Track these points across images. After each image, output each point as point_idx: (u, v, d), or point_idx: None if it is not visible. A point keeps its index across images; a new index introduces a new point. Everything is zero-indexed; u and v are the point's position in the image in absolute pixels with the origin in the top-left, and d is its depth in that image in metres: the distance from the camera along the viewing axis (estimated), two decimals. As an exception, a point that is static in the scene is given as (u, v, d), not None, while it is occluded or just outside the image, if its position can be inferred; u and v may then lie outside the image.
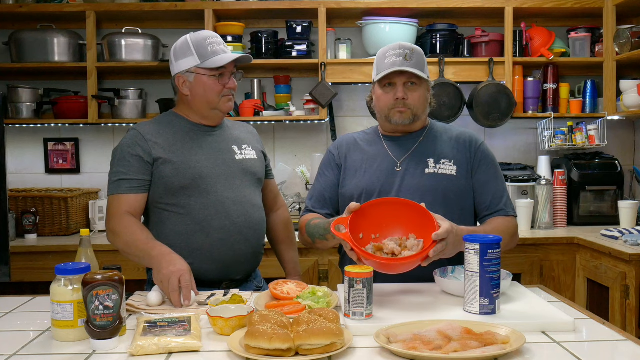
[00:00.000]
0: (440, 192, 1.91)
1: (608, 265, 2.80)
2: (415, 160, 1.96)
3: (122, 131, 3.65)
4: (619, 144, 3.71)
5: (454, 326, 1.36)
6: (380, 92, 1.95)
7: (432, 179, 1.93)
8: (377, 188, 1.94)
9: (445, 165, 1.95)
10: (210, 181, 1.95)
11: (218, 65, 1.92)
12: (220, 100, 1.97)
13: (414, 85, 1.93)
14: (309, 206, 2.06)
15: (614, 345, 1.38)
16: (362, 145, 2.05)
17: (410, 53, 1.90)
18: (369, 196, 1.93)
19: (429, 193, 1.90)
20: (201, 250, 1.93)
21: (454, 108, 3.42)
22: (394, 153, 1.99)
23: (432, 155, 1.96)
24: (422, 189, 1.91)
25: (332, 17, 3.55)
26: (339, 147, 2.08)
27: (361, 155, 2.02)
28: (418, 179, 1.93)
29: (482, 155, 1.98)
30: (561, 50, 3.52)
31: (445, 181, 1.93)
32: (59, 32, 3.41)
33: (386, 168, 1.97)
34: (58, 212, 3.28)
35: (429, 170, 1.94)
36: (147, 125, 2.00)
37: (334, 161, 2.06)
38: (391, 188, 1.93)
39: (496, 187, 1.97)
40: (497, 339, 1.31)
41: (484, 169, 1.97)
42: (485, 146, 2.02)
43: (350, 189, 1.98)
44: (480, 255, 1.51)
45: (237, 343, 1.33)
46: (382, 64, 1.93)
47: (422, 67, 1.93)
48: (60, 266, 1.43)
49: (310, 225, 1.95)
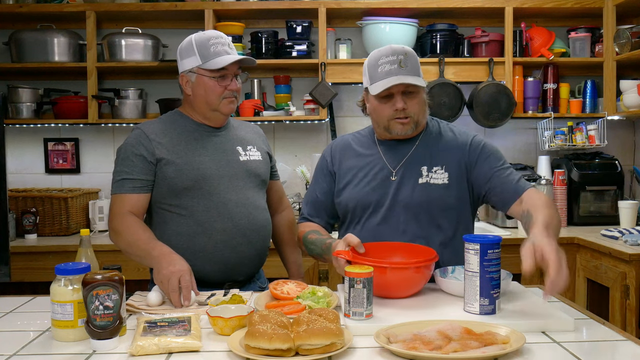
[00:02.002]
0: (434, 205, 1.87)
1: (608, 265, 2.80)
2: (410, 168, 1.90)
3: (122, 131, 3.65)
4: (619, 144, 3.71)
5: (454, 326, 1.36)
6: (377, 103, 1.86)
7: (424, 192, 1.87)
8: (372, 200, 1.90)
9: (437, 173, 1.88)
10: (214, 182, 1.94)
11: (218, 66, 1.90)
12: (221, 102, 1.95)
13: (412, 93, 1.84)
14: (304, 214, 2.06)
15: (614, 345, 1.38)
16: (357, 150, 2.00)
17: (405, 58, 1.81)
18: (363, 208, 1.91)
19: (422, 209, 1.86)
20: (203, 251, 1.93)
21: (454, 108, 3.42)
22: (389, 160, 1.93)
23: (426, 161, 1.90)
24: (415, 203, 1.86)
25: (332, 17, 3.55)
26: (333, 153, 2.03)
27: (356, 161, 1.97)
28: (411, 191, 1.87)
29: (476, 151, 1.90)
30: (561, 50, 3.52)
31: (436, 193, 1.87)
32: (59, 32, 3.41)
33: (381, 177, 1.91)
34: (58, 212, 3.28)
35: (422, 180, 1.88)
36: (152, 125, 1.99)
37: (327, 168, 2.03)
38: (385, 200, 1.89)
39: (507, 173, 1.86)
40: (497, 339, 1.31)
41: (484, 161, 1.89)
42: (477, 139, 1.93)
43: (345, 199, 1.95)
44: (480, 255, 1.51)
45: (237, 343, 1.33)
46: (375, 73, 1.83)
47: (418, 71, 1.84)
48: (60, 266, 1.43)
49: (307, 239, 1.95)
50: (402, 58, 1.81)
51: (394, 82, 1.79)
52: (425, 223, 1.87)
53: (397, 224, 1.88)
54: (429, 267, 1.69)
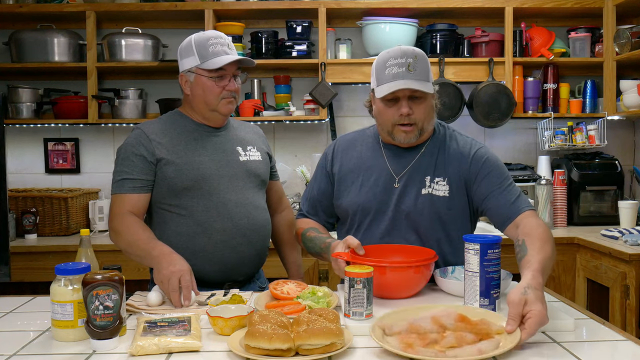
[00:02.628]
0: (435, 216, 1.84)
1: (608, 265, 2.80)
2: (413, 176, 1.86)
3: (122, 131, 3.65)
4: (619, 144, 3.71)
5: (448, 312, 1.36)
6: (382, 106, 1.81)
7: (426, 202, 1.83)
8: (373, 206, 1.88)
9: (439, 185, 1.84)
10: (213, 182, 1.94)
11: (216, 66, 1.90)
12: (220, 102, 1.95)
13: (419, 98, 1.78)
14: (303, 210, 2.06)
15: (614, 345, 1.38)
16: (360, 151, 1.95)
17: (414, 62, 1.75)
18: (364, 213, 1.89)
19: (424, 218, 1.84)
20: (203, 251, 1.93)
21: (454, 108, 3.42)
22: (393, 167, 1.88)
23: (430, 171, 1.85)
24: (417, 212, 1.84)
25: (332, 17, 3.55)
26: (335, 152, 2.00)
27: (358, 163, 1.93)
28: (414, 200, 1.84)
29: (477, 166, 1.84)
30: (561, 50, 3.52)
31: (438, 204, 1.83)
32: (59, 32, 3.41)
33: (383, 184, 1.87)
34: (58, 212, 3.28)
35: (425, 190, 1.84)
36: (152, 125, 1.99)
37: (325, 168, 2.00)
38: (387, 207, 1.86)
39: (504, 192, 1.80)
40: (492, 329, 1.31)
41: (483, 178, 1.83)
42: (480, 152, 1.86)
43: (346, 203, 1.92)
44: (480, 255, 1.51)
45: (237, 343, 1.33)
46: (382, 75, 1.77)
47: (427, 76, 1.78)
48: (60, 266, 1.43)
49: (305, 237, 1.95)
50: (410, 61, 1.75)
51: (400, 86, 1.74)
52: (426, 233, 1.86)
53: (398, 233, 1.86)
54: (428, 267, 1.69)
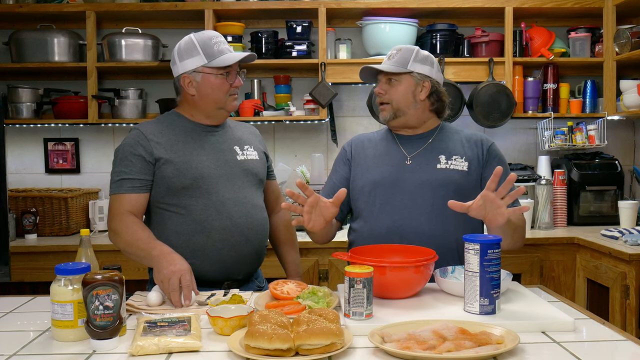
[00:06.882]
0: (452, 186, 1.94)
1: (608, 265, 2.80)
2: (427, 156, 2.00)
3: (122, 131, 3.65)
4: (619, 144, 3.71)
5: (448, 326, 1.36)
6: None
7: (443, 174, 1.96)
8: (387, 180, 1.98)
9: (456, 161, 1.98)
10: (212, 181, 1.95)
11: (226, 64, 1.93)
12: (227, 99, 1.98)
13: (394, 81, 1.99)
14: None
15: (614, 345, 1.38)
16: (374, 143, 2.11)
17: (396, 53, 1.99)
18: (378, 189, 1.98)
19: (440, 187, 1.94)
20: (202, 250, 1.93)
21: (453, 108, 3.41)
22: (406, 149, 2.03)
23: (444, 152, 2.00)
24: (433, 182, 1.95)
25: (332, 17, 3.55)
26: (352, 143, 2.14)
27: (373, 151, 2.08)
28: (430, 173, 1.96)
29: (492, 154, 2.01)
30: (561, 50, 3.52)
31: (456, 175, 1.96)
32: (59, 32, 3.41)
33: (397, 162, 2.01)
34: (58, 212, 3.28)
35: (441, 165, 1.98)
36: (150, 125, 2.00)
37: (345, 157, 2.12)
38: (401, 180, 1.97)
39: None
40: (492, 339, 1.31)
41: (494, 167, 1.92)
42: (495, 146, 2.05)
43: (361, 182, 2.03)
44: (480, 255, 1.51)
45: (237, 343, 1.33)
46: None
47: (404, 63, 1.97)
48: (60, 266, 1.43)
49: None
50: (393, 53, 2.01)
51: (370, 66, 2.00)
52: (444, 206, 1.82)
53: (414, 205, 1.93)
54: (428, 267, 1.69)
